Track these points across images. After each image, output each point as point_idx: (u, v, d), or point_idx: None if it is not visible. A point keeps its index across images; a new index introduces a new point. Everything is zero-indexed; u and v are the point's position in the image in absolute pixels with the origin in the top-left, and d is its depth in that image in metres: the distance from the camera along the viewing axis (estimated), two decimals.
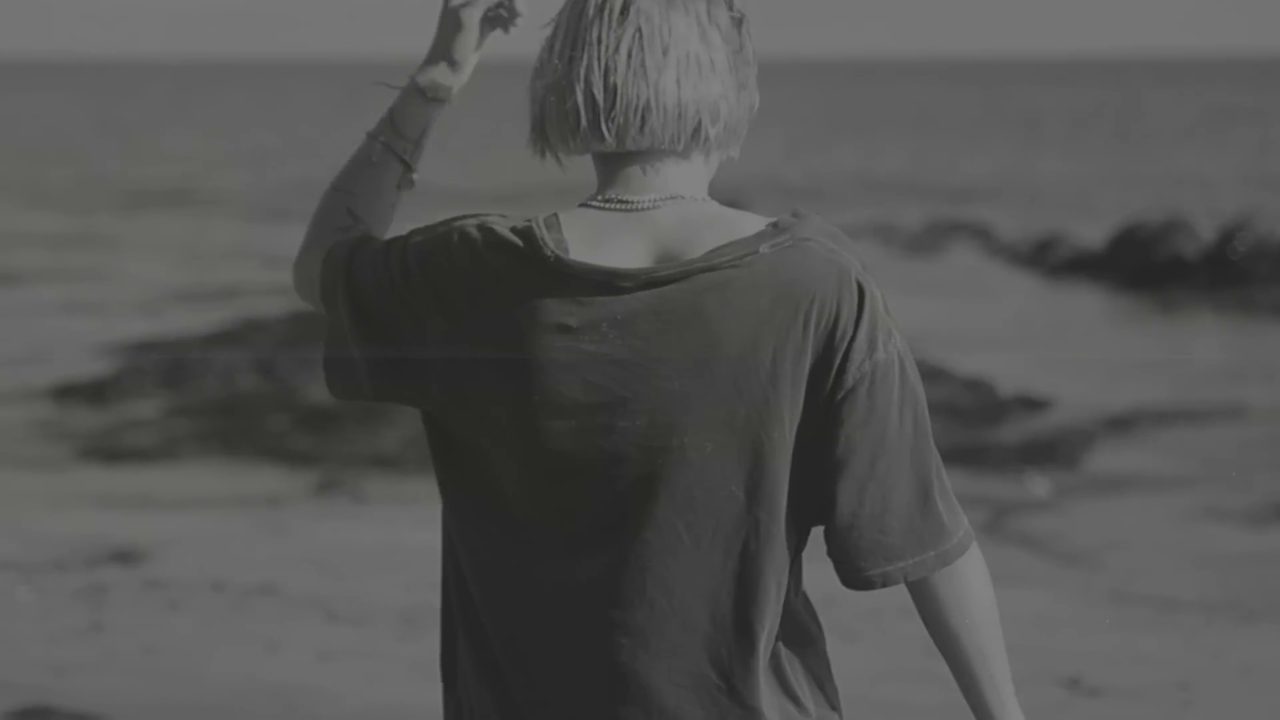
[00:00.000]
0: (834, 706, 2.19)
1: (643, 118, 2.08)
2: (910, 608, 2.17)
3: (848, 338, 2.08)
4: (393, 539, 8.57)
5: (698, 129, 2.11)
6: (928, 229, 25.98)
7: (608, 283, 2.07)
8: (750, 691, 2.11)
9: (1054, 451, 11.49)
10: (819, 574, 2.27)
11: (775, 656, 2.13)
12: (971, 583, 2.14)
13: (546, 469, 2.09)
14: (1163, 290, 18.77)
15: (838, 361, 2.08)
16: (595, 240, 2.09)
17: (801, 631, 2.16)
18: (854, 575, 2.11)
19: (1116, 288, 19.25)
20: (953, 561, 2.12)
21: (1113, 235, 20.31)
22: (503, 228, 2.10)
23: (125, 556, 8.14)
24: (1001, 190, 32.85)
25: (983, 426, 12.44)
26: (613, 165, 2.13)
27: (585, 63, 2.08)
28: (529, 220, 2.10)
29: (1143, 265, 19.35)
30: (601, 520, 2.10)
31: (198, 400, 12.61)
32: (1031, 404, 12.93)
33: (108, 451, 11.23)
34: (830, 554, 2.13)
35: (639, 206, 2.11)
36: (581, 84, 2.08)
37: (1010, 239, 23.71)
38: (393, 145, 2.25)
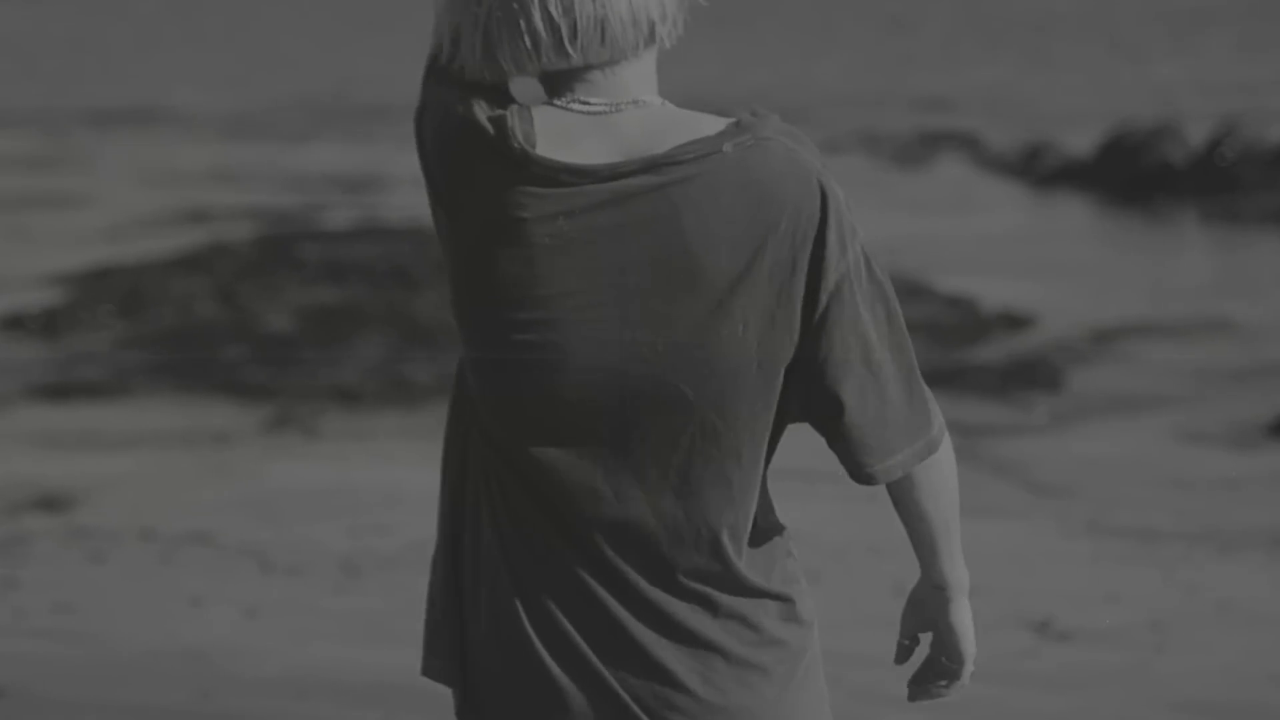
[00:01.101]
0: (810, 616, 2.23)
1: (602, 31, 2.09)
2: (877, 547, 2.02)
3: (818, 240, 2.10)
4: (341, 479, 8.20)
5: (651, 31, 2.12)
6: (916, 139, 25.51)
7: (570, 178, 2.08)
8: (732, 582, 2.14)
9: (1035, 372, 11.12)
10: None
11: (755, 555, 2.16)
12: (945, 468, 2.19)
13: (508, 358, 2.11)
14: (1151, 200, 18.36)
15: (812, 265, 2.10)
16: (564, 139, 2.10)
17: (773, 541, 2.20)
18: (860, 471, 2.16)
19: (1105, 198, 18.84)
20: (938, 448, 2.17)
21: (1101, 142, 19.88)
22: (481, 112, 2.10)
23: (51, 503, 7.76)
24: (987, 99, 32.34)
25: (963, 345, 12.06)
26: (566, 75, 2.12)
27: None
28: (505, 109, 2.10)
29: (1131, 173, 18.92)
30: (559, 414, 2.11)
31: (151, 331, 12.21)
32: (1014, 321, 12.53)
33: (54, 388, 10.85)
34: (835, 451, 2.17)
35: (601, 111, 2.12)
36: (537, 7, 2.07)
37: (998, 149, 23.26)
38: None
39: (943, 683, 2.33)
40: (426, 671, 2.23)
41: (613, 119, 2.13)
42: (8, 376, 11.13)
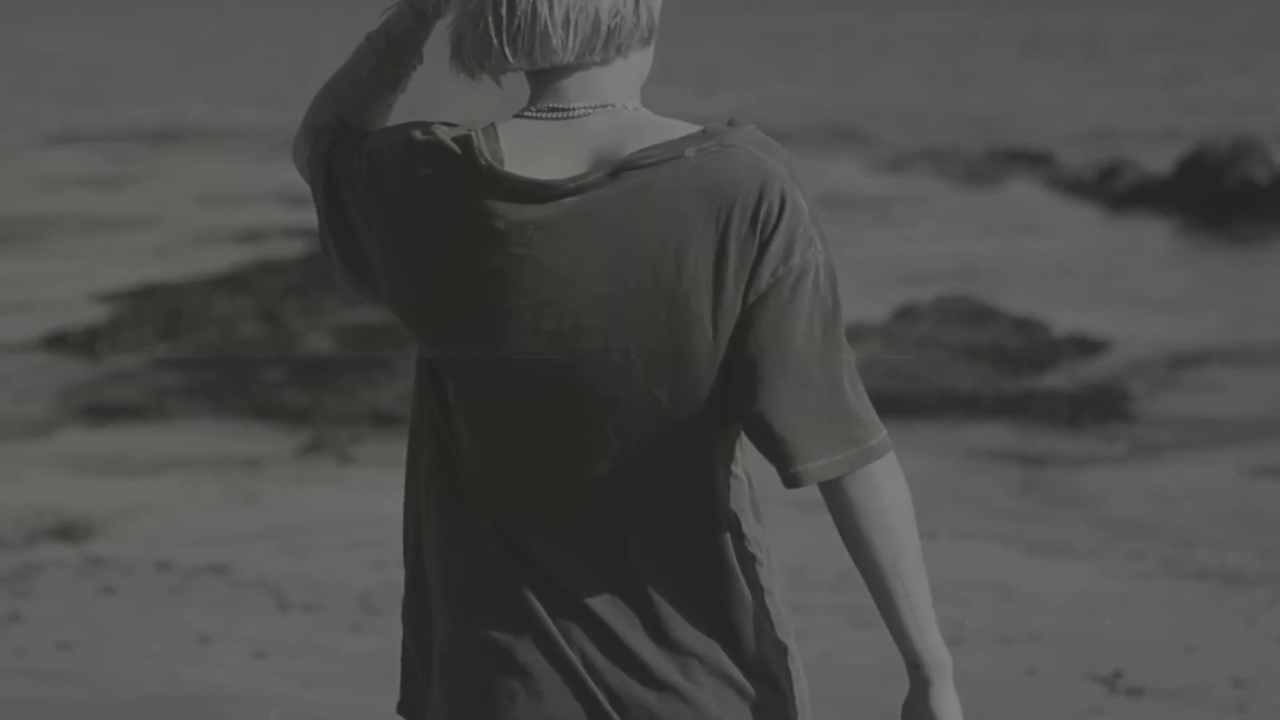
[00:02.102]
0: (787, 631, 2.20)
1: (544, 36, 2.11)
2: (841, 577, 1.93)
3: (764, 244, 2.10)
4: (371, 508, 7.78)
5: (607, 37, 2.13)
6: (987, 158, 24.99)
7: (535, 192, 2.10)
8: (699, 592, 2.13)
9: (1107, 400, 10.62)
10: None
11: (726, 563, 2.15)
12: (885, 491, 2.11)
13: (482, 372, 2.13)
14: (1232, 221, 17.78)
15: (753, 267, 2.10)
16: (532, 149, 2.13)
17: (745, 547, 2.18)
18: (781, 473, 2.12)
19: (1183, 218, 18.28)
20: (866, 465, 2.10)
21: (1180, 159, 19.31)
22: (445, 134, 2.14)
23: (69, 531, 7.37)
24: (1062, 117, 31.76)
25: (1032, 371, 11.56)
26: (543, 78, 2.15)
27: None
28: (470, 129, 2.15)
29: (1211, 192, 18.35)
30: (532, 424, 2.13)
31: (192, 350, 11.86)
32: (1086, 346, 12.02)
33: (90, 409, 10.50)
34: (762, 454, 2.14)
35: (571, 114, 2.14)
36: (490, 8, 2.12)
37: (1073, 168, 22.72)
38: (385, 60, 2.28)
39: None
40: (399, 708, 2.26)
41: (581, 123, 2.14)
42: (45, 397, 10.80)
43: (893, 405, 10.54)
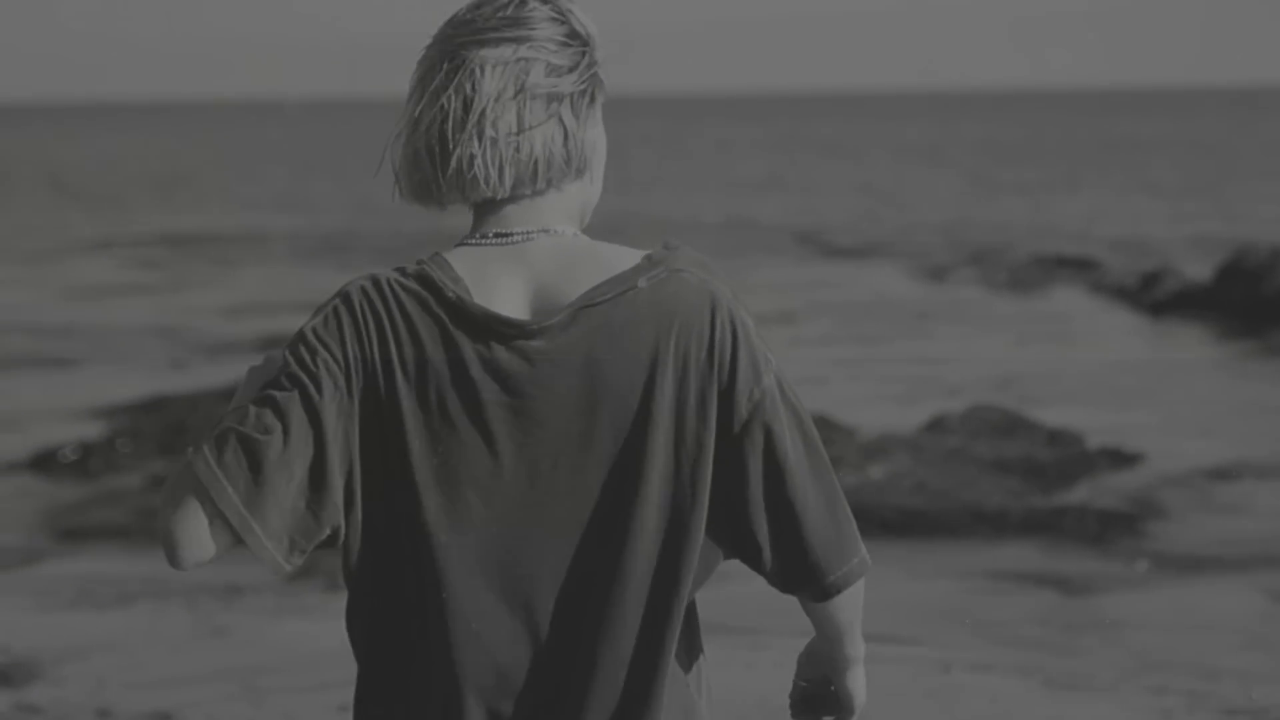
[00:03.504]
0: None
1: (476, 179, 2.20)
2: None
3: (729, 368, 2.17)
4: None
5: (536, 173, 2.21)
6: (1032, 264, 24.52)
7: (507, 330, 2.16)
8: (655, 696, 2.19)
9: (1137, 517, 10.09)
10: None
11: (674, 667, 2.22)
12: (860, 590, 2.25)
13: (463, 516, 2.17)
14: (1273, 328, 17.23)
15: (724, 394, 2.16)
16: (483, 277, 2.19)
17: (693, 642, 2.27)
18: (785, 589, 2.22)
19: (1223, 325, 17.76)
20: (867, 571, 2.23)
21: (1220, 266, 18.84)
22: (397, 275, 2.19)
23: (9, 675, 6.86)
24: (1105, 225, 31.28)
25: (1062, 486, 11.04)
26: (483, 207, 2.23)
27: (420, 126, 2.21)
28: (420, 264, 2.20)
29: (1251, 299, 17.85)
30: (516, 565, 2.17)
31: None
32: (1120, 458, 11.49)
33: (70, 533, 10.09)
34: (768, 581, 2.23)
35: (512, 240, 2.22)
36: (425, 154, 2.21)
37: (1116, 274, 22.24)
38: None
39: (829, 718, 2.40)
40: None
41: (524, 248, 2.22)
42: (25, 521, 10.39)
43: (918, 523, 10.06)
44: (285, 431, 2.15)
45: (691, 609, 2.27)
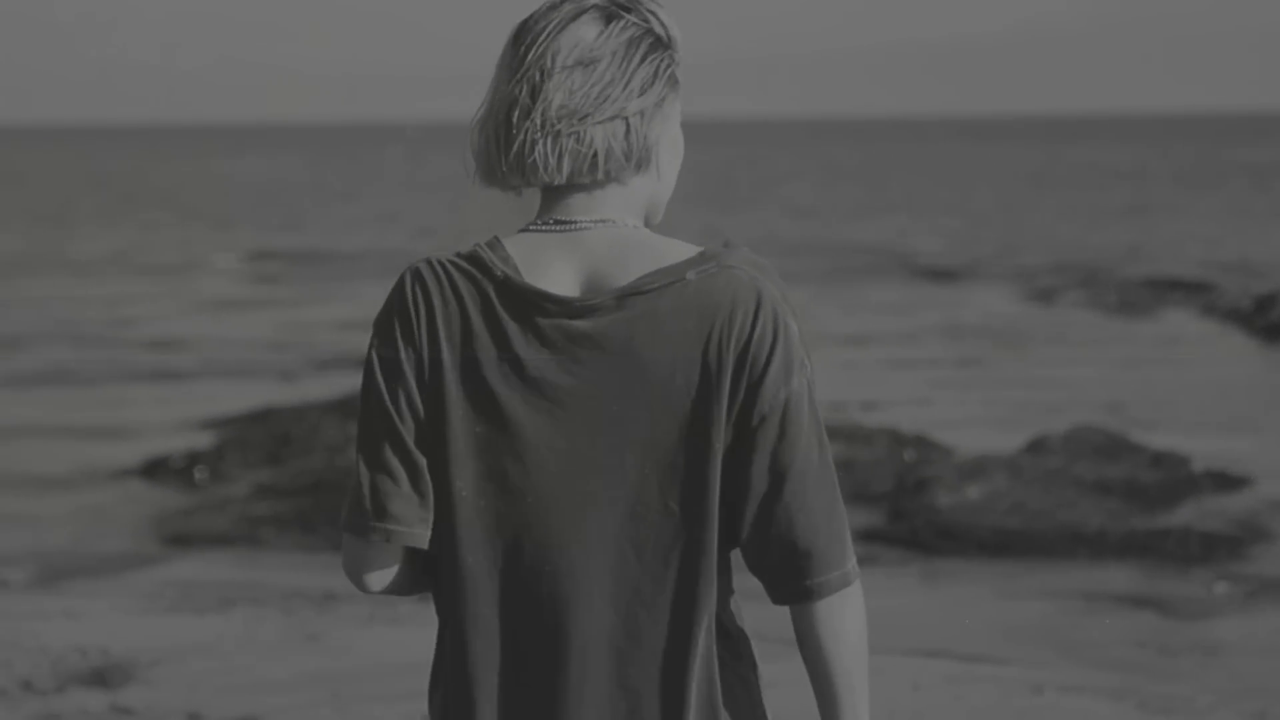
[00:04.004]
0: None
1: (535, 165, 2.24)
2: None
3: (762, 365, 2.20)
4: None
5: (593, 163, 2.25)
6: (1143, 286, 24.28)
7: (552, 307, 2.21)
8: (680, 700, 2.22)
9: (1241, 539, 9.96)
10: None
11: (709, 673, 2.23)
12: (852, 613, 2.24)
13: (500, 486, 2.23)
14: None
15: (752, 388, 2.20)
16: (536, 261, 2.25)
17: (734, 654, 2.28)
18: (771, 592, 2.25)
19: None
20: (847, 586, 2.23)
21: None
22: (450, 257, 2.26)
23: (105, 676, 6.97)
24: (1216, 248, 30.89)
25: (1164, 508, 10.92)
26: (550, 193, 2.28)
27: (492, 112, 2.27)
28: (475, 246, 2.27)
29: None
30: (550, 536, 2.23)
31: (290, 479, 11.56)
32: (1225, 481, 11.35)
33: (176, 538, 10.22)
34: (752, 573, 2.26)
35: (572, 228, 2.27)
36: (493, 139, 2.27)
37: (1230, 296, 21.96)
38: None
39: None
40: None
41: (580, 236, 2.26)
42: (134, 526, 10.54)
43: (1014, 543, 9.98)
44: (395, 451, 2.26)
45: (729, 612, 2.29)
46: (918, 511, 10.59)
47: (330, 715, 6.46)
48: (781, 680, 3.38)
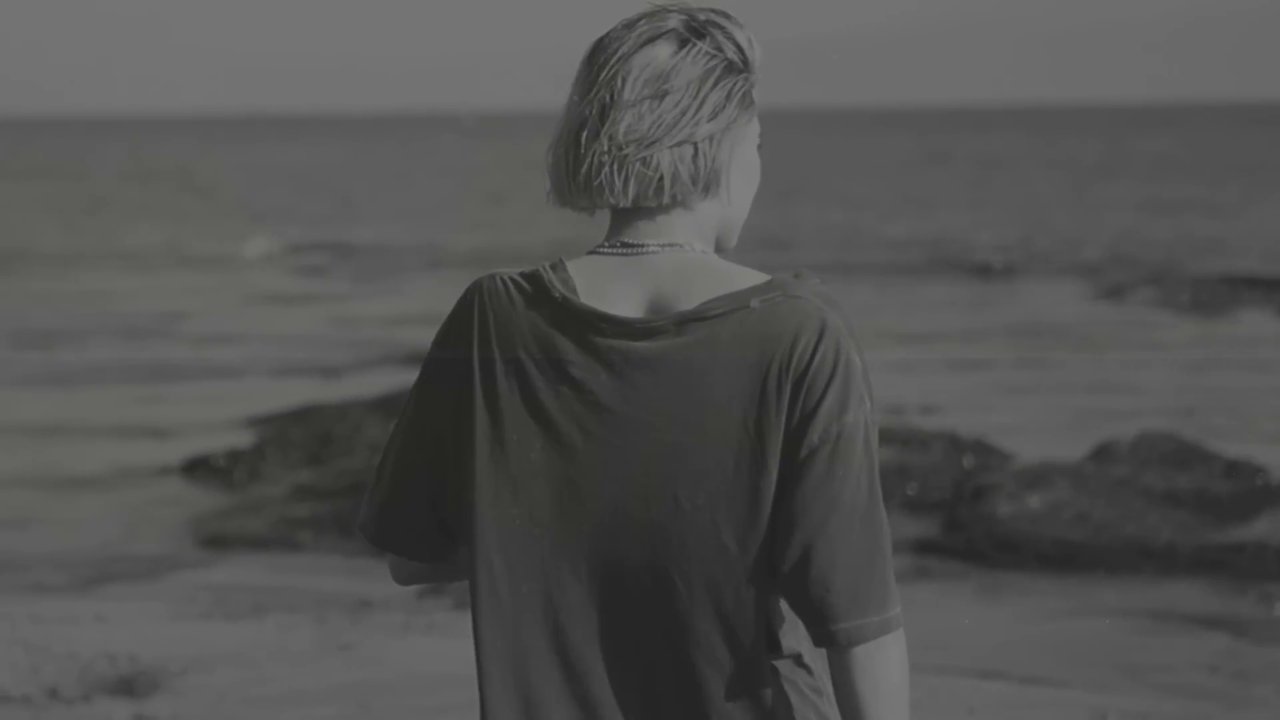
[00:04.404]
0: None
1: (602, 187, 2.23)
2: None
3: (819, 395, 2.17)
4: (470, 666, 7.02)
5: (659, 187, 2.23)
6: (1219, 284, 23.75)
7: (609, 329, 2.20)
8: None
9: None
10: None
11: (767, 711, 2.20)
12: (892, 663, 2.19)
13: (549, 511, 2.20)
14: None
15: (806, 417, 2.17)
16: (598, 284, 2.23)
17: (813, 688, 2.25)
18: (810, 631, 2.19)
19: None
20: (889, 633, 2.18)
21: None
22: (512, 275, 2.26)
23: (132, 685, 6.71)
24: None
25: (1238, 521, 10.50)
26: (619, 216, 2.27)
27: (564, 131, 2.26)
28: (538, 266, 2.26)
29: None
30: (597, 565, 2.20)
31: (330, 480, 11.27)
32: None
33: (212, 540, 9.95)
34: (791, 607, 2.21)
35: (639, 252, 2.25)
36: (563, 159, 2.26)
37: None
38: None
39: None
40: None
41: (646, 260, 2.24)
42: (171, 528, 10.28)
43: (1077, 556, 9.60)
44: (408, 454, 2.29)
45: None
46: (975, 521, 10.21)
47: None
48: None
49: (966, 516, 10.30)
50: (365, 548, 9.67)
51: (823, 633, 2.17)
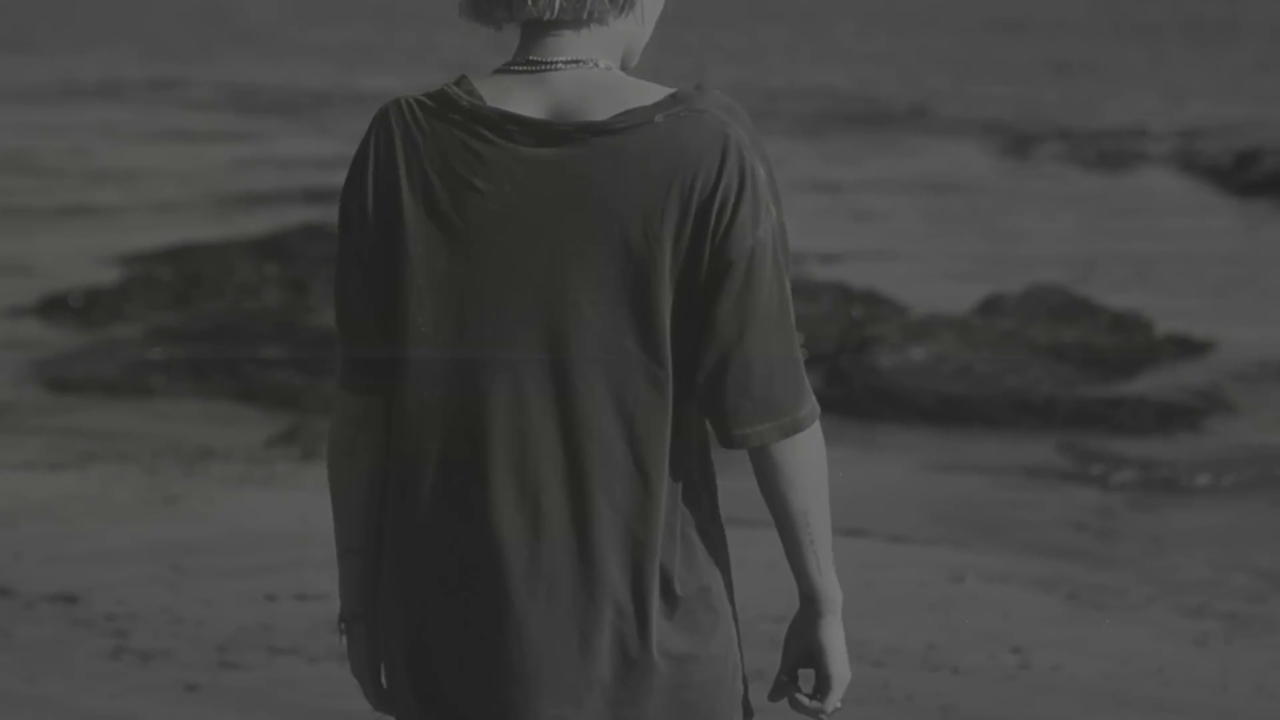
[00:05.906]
0: (730, 594, 2.32)
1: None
2: None
3: (730, 214, 2.23)
4: (306, 517, 6.65)
5: (579, 2, 2.25)
6: (1125, 140, 23.55)
7: (517, 131, 2.24)
8: (650, 538, 2.24)
9: (1198, 410, 9.31)
10: None
11: (676, 524, 2.26)
12: (804, 453, 2.29)
13: (458, 321, 2.24)
14: None
15: (719, 234, 2.23)
16: (504, 97, 2.27)
17: (703, 513, 2.30)
18: (720, 435, 2.28)
19: None
20: (801, 430, 2.27)
21: None
22: (416, 95, 2.29)
23: None
24: (1205, 103, 30.09)
25: (1121, 376, 10.26)
26: (528, 34, 2.30)
27: None
28: (442, 85, 2.30)
29: None
30: (502, 369, 2.24)
31: (196, 321, 10.84)
32: (1188, 346, 10.69)
33: (53, 385, 9.52)
34: (702, 413, 2.28)
35: (546, 68, 2.28)
36: None
37: (1209, 154, 21.23)
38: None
39: (810, 695, 2.36)
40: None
41: (553, 76, 2.28)
42: (22, 371, 9.85)
43: (955, 411, 9.34)
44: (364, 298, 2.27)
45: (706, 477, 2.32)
46: (857, 373, 9.92)
47: (159, 593, 5.79)
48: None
49: (849, 368, 10.01)
50: (221, 392, 9.29)
51: (738, 435, 2.24)
